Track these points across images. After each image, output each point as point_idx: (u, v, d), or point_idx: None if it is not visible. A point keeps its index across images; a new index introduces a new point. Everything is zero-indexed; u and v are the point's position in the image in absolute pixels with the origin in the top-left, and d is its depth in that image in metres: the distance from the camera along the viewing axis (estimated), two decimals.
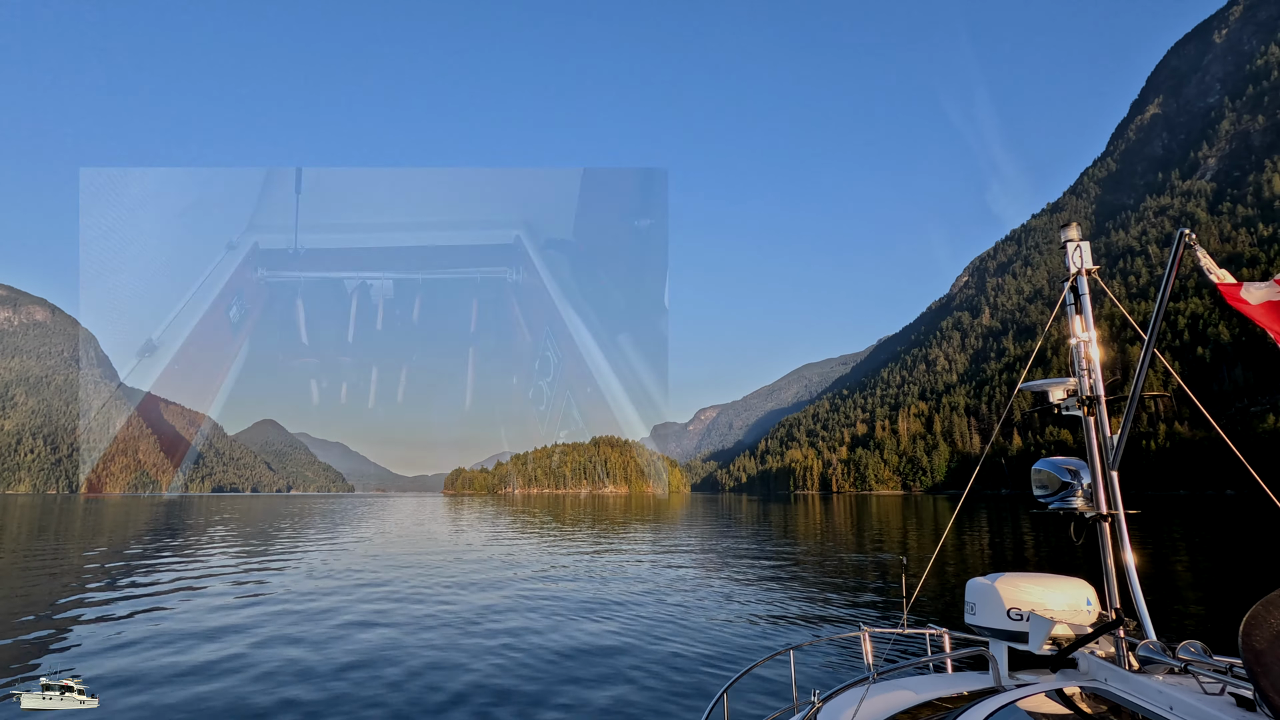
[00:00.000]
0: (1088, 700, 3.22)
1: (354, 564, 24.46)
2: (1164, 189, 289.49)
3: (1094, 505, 3.75)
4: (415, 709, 8.97)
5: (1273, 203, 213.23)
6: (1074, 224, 3.89)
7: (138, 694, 9.62)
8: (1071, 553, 25.43)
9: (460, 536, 36.90)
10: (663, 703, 9.20)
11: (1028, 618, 3.65)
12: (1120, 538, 3.66)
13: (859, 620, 14.52)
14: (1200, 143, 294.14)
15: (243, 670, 10.76)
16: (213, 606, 16.17)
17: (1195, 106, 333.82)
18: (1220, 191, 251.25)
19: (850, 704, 3.67)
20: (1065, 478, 3.88)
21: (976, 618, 3.87)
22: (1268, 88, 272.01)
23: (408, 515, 55.20)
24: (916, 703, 3.65)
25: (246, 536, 36.15)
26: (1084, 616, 3.63)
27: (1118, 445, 3.70)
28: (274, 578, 21.08)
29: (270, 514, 57.23)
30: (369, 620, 14.47)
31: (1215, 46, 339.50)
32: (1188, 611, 14.86)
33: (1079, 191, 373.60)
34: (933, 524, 51.07)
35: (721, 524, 51.72)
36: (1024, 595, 3.72)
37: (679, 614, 15.13)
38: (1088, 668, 3.53)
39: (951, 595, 16.85)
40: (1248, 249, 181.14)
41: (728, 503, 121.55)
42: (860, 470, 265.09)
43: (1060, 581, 3.79)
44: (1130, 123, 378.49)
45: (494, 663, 11.12)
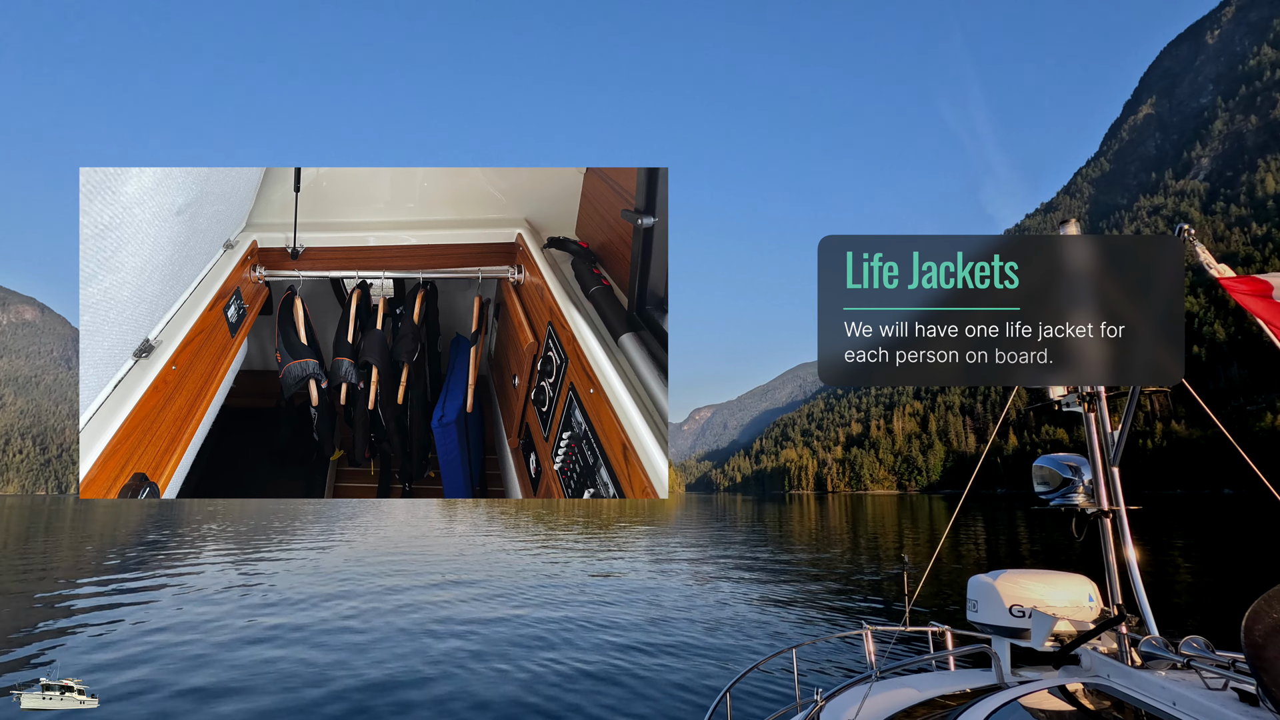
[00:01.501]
0: (1090, 696, 3.23)
1: (348, 565, 24.40)
2: (1157, 188, 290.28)
3: (1095, 501, 3.76)
4: (421, 707, 8.98)
5: (1266, 202, 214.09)
6: (1073, 220, 3.91)
7: (138, 694, 9.61)
8: (1069, 549, 25.54)
9: (455, 540, 36.86)
10: (665, 702, 9.22)
11: (1030, 615, 3.67)
12: (1122, 533, 3.67)
13: (861, 619, 14.56)
14: (1193, 142, 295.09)
15: (244, 669, 10.74)
16: (213, 606, 16.14)
17: (1188, 106, 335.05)
18: (1214, 191, 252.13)
19: (853, 702, 3.68)
20: (1066, 474, 3.90)
21: (978, 615, 3.88)
22: (1260, 88, 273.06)
23: (401, 517, 55.15)
24: (919, 700, 3.66)
25: (245, 537, 36.06)
26: (1086, 613, 3.64)
27: (1119, 441, 3.72)
28: (274, 577, 21.04)
29: (269, 514, 57.12)
30: (366, 620, 14.45)
31: (1208, 47, 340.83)
32: (1190, 607, 14.93)
33: (1073, 191, 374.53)
34: (928, 524, 51.21)
35: (717, 525, 51.80)
36: (1026, 592, 3.74)
37: (680, 614, 15.15)
38: (1090, 664, 3.54)
39: (952, 593, 16.90)
40: (1242, 248, 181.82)
41: (722, 503, 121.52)
42: (855, 470, 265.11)
43: (1062, 578, 3.81)
44: (1123, 122, 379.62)
45: (494, 664, 11.12)
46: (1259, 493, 5.48)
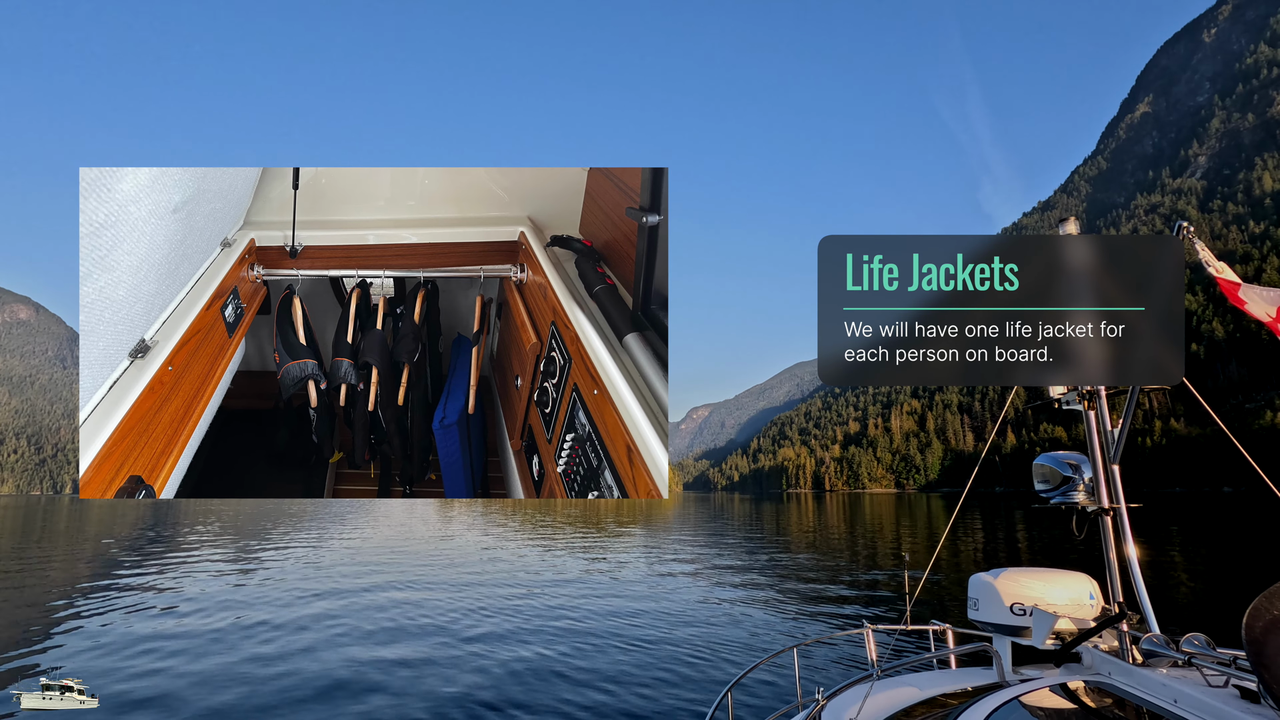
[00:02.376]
0: (1092, 694, 3.24)
1: (346, 564, 24.38)
2: (1154, 187, 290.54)
3: (1096, 499, 3.77)
4: (421, 705, 8.97)
5: (1263, 200, 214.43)
6: (1072, 218, 3.90)
7: (138, 694, 9.60)
8: (1068, 546, 25.57)
9: (453, 539, 36.84)
10: (667, 701, 9.22)
11: (1031, 613, 3.67)
12: (1122, 531, 3.68)
13: (862, 618, 14.57)
14: (1190, 141, 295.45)
15: (244, 669, 10.73)
16: (214, 605, 16.13)
17: (1185, 105, 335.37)
18: (1211, 189, 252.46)
19: (854, 701, 3.68)
20: (1067, 472, 3.91)
21: (979, 613, 3.89)
22: (1257, 86, 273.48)
23: (398, 517, 55.11)
24: (920, 699, 3.67)
25: (245, 537, 36.02)
26: (1087, 611, 3.65)
27: (1119, 439, 3.73)
28: (275, 577, 21.03)
29: (269, 515, 57.06)
30: (365, 619, 14.44)
31: (1204, 46, 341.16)
32: (1191, 605, 14.94)
33: (1070, 190, 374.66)
34: (927, 522, 51.27)
35: (715, 524, 51.83)
36: (1027, 590, 3.75)
37: (680, 613, 15.16)
38: (1091, 662, 3.54)
39: (952, 592, 16.92)
40: (1239, 245, 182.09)
41: (720, 502, 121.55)
42: (853, 469, 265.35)
43: (1063, 576, 3.81)
44: (1120, 121, 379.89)
45: (492, 664, 11.12)
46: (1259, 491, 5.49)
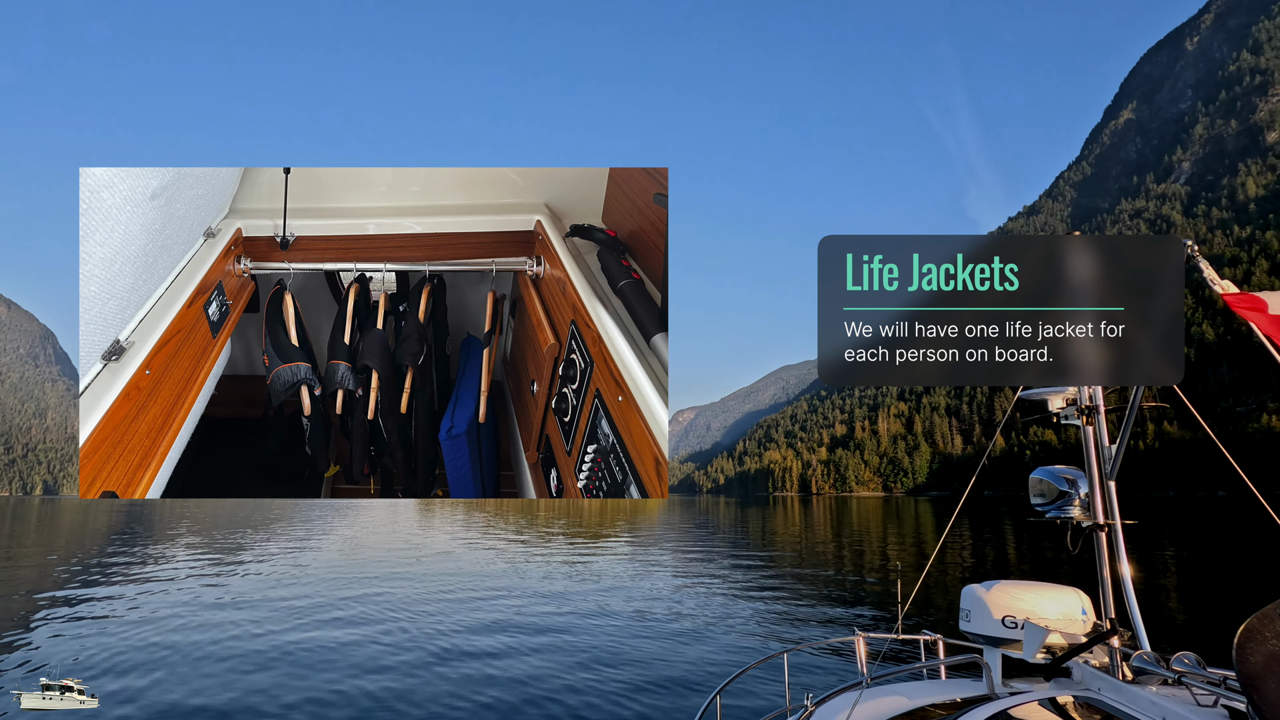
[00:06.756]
0: (1080, 710, 3.24)
1: (334, 567, 24.22)
2: (1139, 192, 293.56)
3: (1091, 515, 3.76)
4: (417, 707, 8.90)
5: (1247, 205, 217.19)
6: (1061, 226, 3.88)
7: (138, 694, 9.54)
8: (1059, 557, 25.74)
9: (440, 541, 36.70)
10: (654, 705, 9.19)
11: (1022, 626, 3.67)
12: (1117, 548, 3.67)
13: (853, 625, 14.58)
14: (1174, 147, 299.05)
15: (244, 669, 10.67)
16: (213, 605, 16.08)
17: (1168, 112, 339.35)
18: (1195, 195, 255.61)
19: (843, 708, 3.67)
20: (1063, 486, 3.91)
21: (971, 624, 3.90)
22: (1239, 93, 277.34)
23: (382, 521, 54.86)
24: (910, 708, 3.66)
25: (242, 538, 35.74)
26: (1079, 626, 3.65)
27: (1115, 455, 3.72)
28: (274, 576, 21.03)
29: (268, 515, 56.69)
30: (364, 620, 14.33)
31: (1187, 53, 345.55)
32: (1182, 622, 14.99)
33: (1054, 195, 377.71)
34: (914, 527, 51.50)
35: (701, 528, 51.93)
36: (1019, 603, 3.75)
37: (669, 617, 15.12)
38: (1081, 677, 3.54)
39: (943, 601, 16.96)
40: (1226, 249, 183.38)
41: (706, 505, 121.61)
42: (840, 471, 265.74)
43: (1055, 590, 3.82)
44: (1104, 127, 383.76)
45: (483, 667, 11.05)
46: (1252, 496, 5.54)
